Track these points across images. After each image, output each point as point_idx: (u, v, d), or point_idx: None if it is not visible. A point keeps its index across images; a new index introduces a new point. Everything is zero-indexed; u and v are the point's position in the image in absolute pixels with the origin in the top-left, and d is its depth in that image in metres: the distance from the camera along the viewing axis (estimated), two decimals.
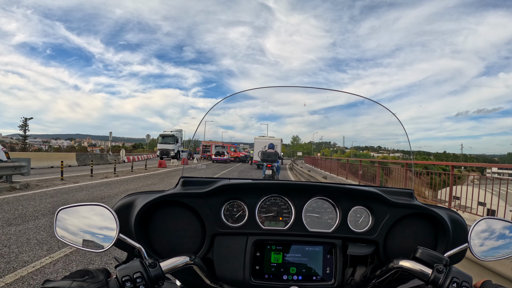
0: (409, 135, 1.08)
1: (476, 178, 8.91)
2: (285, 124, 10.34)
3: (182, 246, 0.86)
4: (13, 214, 5.25)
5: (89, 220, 0.72)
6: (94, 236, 0.71)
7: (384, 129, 2.06)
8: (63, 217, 0.72)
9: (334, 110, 2.72)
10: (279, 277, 0.84)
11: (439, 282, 0.65)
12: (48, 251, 3.63)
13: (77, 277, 0.59)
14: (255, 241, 0.85)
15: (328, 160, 19.15)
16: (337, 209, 0.90)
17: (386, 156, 14.94)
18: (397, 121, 1.10)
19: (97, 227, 0.71)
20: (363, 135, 6.20)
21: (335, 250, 0.87)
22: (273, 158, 9.32)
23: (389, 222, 0.88)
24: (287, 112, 2.58)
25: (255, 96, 1.18)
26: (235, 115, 7.01)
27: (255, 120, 13.11)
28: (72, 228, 0.71)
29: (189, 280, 0.89)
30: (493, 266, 2.25)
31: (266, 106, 2.07)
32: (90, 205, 0.72)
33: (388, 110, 1.10)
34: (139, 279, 0.60)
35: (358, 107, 1.64)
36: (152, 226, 0.86)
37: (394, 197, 0.89)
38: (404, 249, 0.89)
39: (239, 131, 16.34)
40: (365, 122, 2.32)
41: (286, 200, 0.90)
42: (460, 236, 0.88)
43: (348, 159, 12.74)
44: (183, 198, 0.85)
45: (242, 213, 0.88)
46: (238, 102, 1.11)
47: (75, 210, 0.73)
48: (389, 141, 9.47)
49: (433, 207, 0.89)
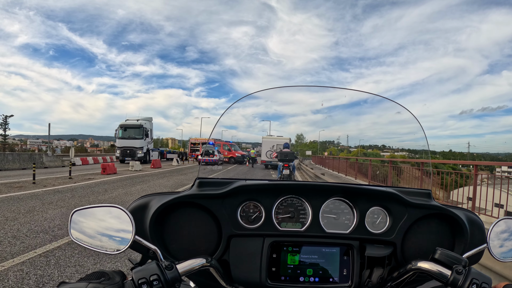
0: (413, 134, 1.08)
1: (484, 177, 8.73)
2: (288, 124, 10.31)
3: (197, 248, 0.86)
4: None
5: (104, 221, 0.73)
6: (109, 238, 0.71)
7: (387, 128, 2.05)
8: (78, 219, 0.73)
9: (337, 109, 2.74)
10: (296, 279, 0.85)
11: (458, 284, 0.64)
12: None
13: (93, 279, 0.60)
14: (271, 243, 0.86)
15: (335, 160, 18.61)
16: (355, 210, 0.90)
17: (396, 155, 14.92)
18: (401, 119, 1.10)
19: (112, 229, 0.72)
20: (367, 134, 6.23)
21: (352, 251, 0.87)
22: (290, 158, 9.43)
23: (407, 223, 0.88)
24: (290, 112, 2.57)
25: (258, 96, 1.19)
26: (238, 114, 7.06)
27: (258, 119, 13.14)
28: (87, 230, 0.72)
29: (203, 281, 0.89)
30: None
31: (269, 105, 2.07)
32: (106, 207, 0.73)
33: (403, 107, 1.10)
34: (156, 282, 0.60)
35: (361, 106, 1.64)
36: (168, 227, 0.87)
37: (412, 198, 0.89)
38: (422, 250, 0.88)
39: (243, 131, 16.01)
40: (368, 121, 2.32)
41: (303, 201, 0.90)
42: (477, 237, 0.88)
43: (360, 159, 12.59)
44: (199, 199, 0.86)
45: (258, 214, 0.88)
46: (241, 102, 1.12)
47: (90, 212, 0.73)
48: (393, 140, 9.49)
49: (451, 207, 0.89)
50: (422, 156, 5.49)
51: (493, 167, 9.95)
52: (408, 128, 1.11)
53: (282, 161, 9.53)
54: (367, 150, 16.70)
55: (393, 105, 1.09)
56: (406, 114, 1.06)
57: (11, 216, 5.51)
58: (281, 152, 9.50)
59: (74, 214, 0.73)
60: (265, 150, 18.24)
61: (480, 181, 7.15)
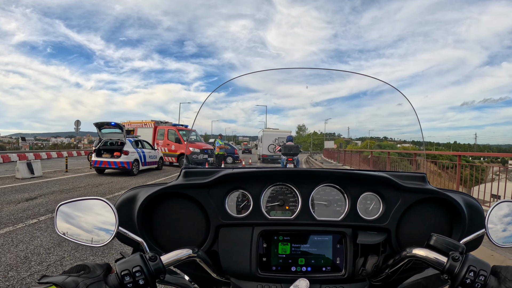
0: (412, 126, 1.07)
1: (496, 170, 8.39)
2: (288, 117, 10.25)
3: (186, 239, 0.87)
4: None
5: (89, 214, 0.74)
6: (94, 230, 0.73)
7: (387, 120, 2.04)
8: (63, 212, 0.74)
9: (337, 101, 2.75)
10: (288, 269, 0.85)
11: (455, 271, 0.64)
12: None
13: (73, 272, 0.60)
14: (261, 232, 0.86)
15: (346, 153, 17.11)
16: (346, 196, 0.90)
17: (404, 147, 14.55)
18: (401, 111, 1.09)
19: (97, 222, 0.73)
20: (366, 126, 6.10)
21: (345, 239, 0.87)
22: (295, 151, 9.30)
23: (400, 209, 0.87)
24: (289, 105, 2.58)
25: (257, 89, 1.19)
26: (237, 108, 6.97)
27: (257, 113, 12.85)
28: (72, 223, 0.74)
29: (195, 274, 0.90)
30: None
31: (269, 99, 2.09)
32: (90, 199, 0.74)
33: (400, 92, 1.09)
34: (139, 273, 0.61)
35: (361, 98, 1.63)
36: (155, 219, 0.88)
37: (406, 182, 0.88)
38: (418, 236, 0.88)
39: (241, 125, 14.96)
40: (368, 113, 2.31)
41: (292, 188, 0.90)
42: (476, 222, 0.87)
43: (384, 152, 12.06)
44: (185, 189, 0.86)
45: (246, 203, 0.89)
46: (240, 95, 1.11)
47: (75, 205, 0.75)
48: (392, 132, 9.39)
49: (447, 191, 0.88)
50: (421, 148, 5.32)
51: (505, 160, 9.61)
52: (406, 120, 1.10)
53: (286, 155, 9.44)
54: (381, 141, 15.78)
55: (393, 97, 1.07)
56: (407, 105, 1.05)
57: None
58: (285, 146, 9.39)
59: (60, 207, 0.74)
60: (266, 144, 17.68)
61: (492, 174, 6.85)
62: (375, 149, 12.07)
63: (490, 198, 5.81)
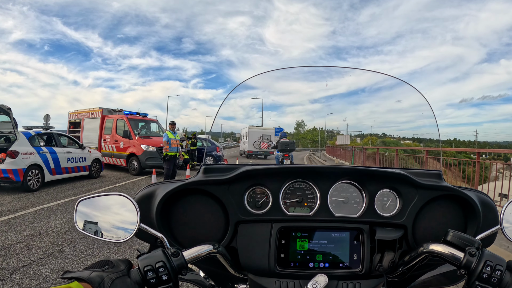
0: (410, 122, 1.08)
1: (500, 167, 8.23)
2: (286, 114, 10.17)
3: (205, 235, 0.88)
4: None
5: (110, 210, 0.75)
6: (115, 226, 0.73)
7: (385, 117, 2.04)
8: (83, 208, 0.75)
9: (335, 98, 2.75)
10: (305, 265, 0.86)
11: (472, 266, 0.65)
12: None
13: (97, 267, 0.61)
14: (279, 228, 0.87)
15: (352, 150, 16.78)
16: (364, 193, 0.91)
17: (409, 144, 14.44)
18: (401, 108, 1.09)
19: (118, 218, 0.74)
20: (365, 123, 6.03)
21: (362, 235, 0.88)
22: (291, 148, 9.35)
23: (417, 205, 0.88)
24: (287, 102, 2.59)
25: (256, 86, 1.20)
26: (236, 105, 6.70)
27: (256, 110, 12.85)
28: (93, 219, 0.74)
29: (212, 270, 0.91)
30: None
31: (267, 95, 2.10)
32: (111, 195, 0.75)
33: (415, 88, 1.10)
34: (162, 269, 0.62)
35: (359, 95, 1.64)
36: (174, 215, 0.89)
37: (422, 179, 0.89)
38: (433, 233, 0.89)
39: (240, 122, 14.52)
40: (366, 110, 2.32)
41: (311, 184, 0.91)
42: (490, 219, 0.88)
43: (392, 149, 11.91)
44: (205, 186, 0.87)
45: (265, 199, 0.90)
46: (239, 92, 1.13)
47: (96, 201, 0.75)
48: (391, 129, 9.33)
49: (463, 188, 0.89)
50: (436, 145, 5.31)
51: (508, 157, 9.55)
52: (403, 117, 1.11)
53: (283, 151, 9.45)
54: (383, 138, 15.51)
55: (391, 94, 1.08)
56: (405, 101, 1.05)
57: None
58: (281, 142, 9.41)
59: (80, 203, 0.75)
60: (252, 141, 17.79)
61: (496, 172, 6.83)
62: (392, 147, 11.92)
63: (500, 197, 5.79)
